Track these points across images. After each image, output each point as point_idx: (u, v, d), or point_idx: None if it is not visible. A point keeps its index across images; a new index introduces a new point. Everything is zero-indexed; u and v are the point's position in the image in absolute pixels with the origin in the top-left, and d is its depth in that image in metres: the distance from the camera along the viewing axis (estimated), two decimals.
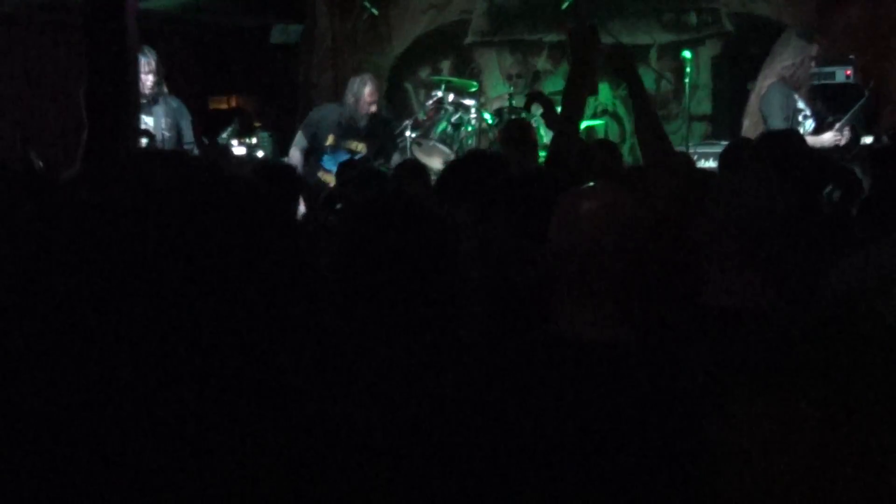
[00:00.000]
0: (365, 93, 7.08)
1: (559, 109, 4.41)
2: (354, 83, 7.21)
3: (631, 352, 2.01)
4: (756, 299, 2.26)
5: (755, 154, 4.31)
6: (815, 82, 8.07)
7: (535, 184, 3.12)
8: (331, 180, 6.68)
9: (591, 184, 2.21)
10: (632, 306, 2.08)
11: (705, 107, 10.02)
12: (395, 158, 7.18)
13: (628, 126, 9.82)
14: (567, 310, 2.08)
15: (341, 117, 7.14)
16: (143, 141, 6.55)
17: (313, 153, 7.13)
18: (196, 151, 6.68)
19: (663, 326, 2.39)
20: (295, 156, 7.10)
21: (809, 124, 7.12)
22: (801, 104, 7.22)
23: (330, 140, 7.10)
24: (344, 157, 6.87)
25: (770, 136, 4.78)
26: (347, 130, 7.09)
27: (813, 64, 7.55)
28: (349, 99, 7.13)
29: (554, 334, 2.07)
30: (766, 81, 7.93)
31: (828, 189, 5.17)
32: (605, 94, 9.78)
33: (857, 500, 1.66)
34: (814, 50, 7.58)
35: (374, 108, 7.11)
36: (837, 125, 7.04)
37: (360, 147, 7.12)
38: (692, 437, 1.85)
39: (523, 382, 1.96)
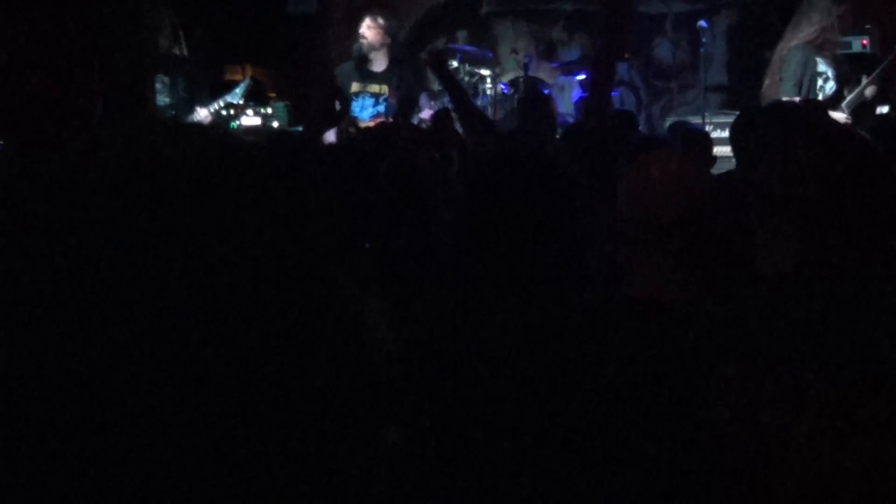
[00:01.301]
0: (361, 32, 7.30)
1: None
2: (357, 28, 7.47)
3: (694, 312, 2.07)
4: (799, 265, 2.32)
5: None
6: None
7: None
8: (359, 125, 7.01)
9: (661, 151, 2.33)
10: (701, 269, 2.15)
11: (721, 77, 10.14)
12: (423, 100, 7.48)
13: (644, 97, 10.14)
14: (639, 272, 2.15)
15: (355, 65, 7.42)
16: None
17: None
18: (209, 112, 6.97)
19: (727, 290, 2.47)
20: None
21: (830, 87, 7.18)
22: (822, 66, 7.25)
23: (353, 87, 7.36)
24: (368, 101, 7.29)
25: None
26: (364, 75, 7.37)
27: (837, 23, 7.57)
28: (355, 45, 7.40)
29: (628, 295, 2.15)
30: (790, 43, 7.97)
31: None
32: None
33: (858, 467, 1.71)
34: (841, 10, 7.58)
35: (374, 42, 7.30)
36: (844, 103, 7.09)
37: (382, 89, 7.37)
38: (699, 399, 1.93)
39: (595, 341, 2.04)
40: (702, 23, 8.93)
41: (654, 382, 1.99)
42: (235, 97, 6.99)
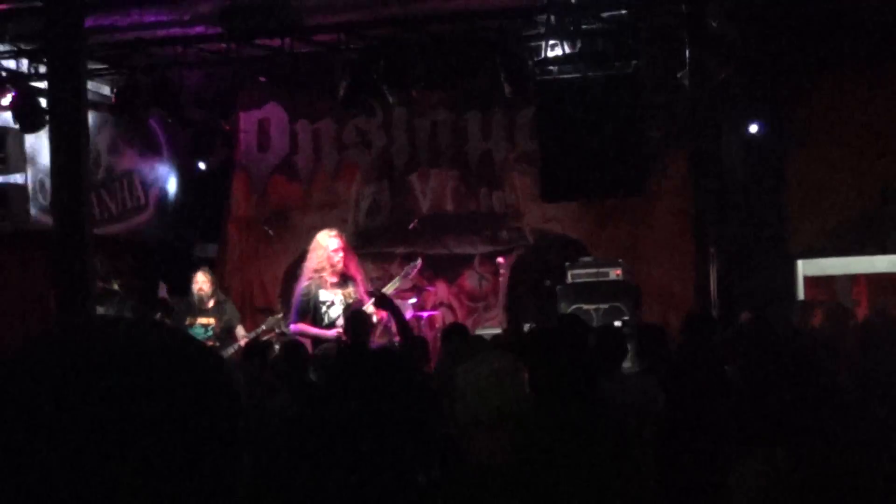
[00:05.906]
0: (200, 283, 9.11)
1: None
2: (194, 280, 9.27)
3: (506, 473, 2.30)
4: None
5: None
6: (594, 279, 9.72)
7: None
8: None
9: (486, 355, 2.38)
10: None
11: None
12: (239, 330, 9.15)
13: (459, 314, 11.40)
14: (474, 447, 2.34)
15: (192, 304, 9.06)
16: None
17: None
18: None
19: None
20: None
21: (335, 311, 8.55)
22: (324, 296, 8.60)
23: (187, 320, 8.98)
24: (199, 330, 8.83)
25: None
26: (198, 312, 9.09)
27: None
28: (192, 289, 9.21)
29: (470, 464, 2.34)
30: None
31: None
32: (440, 290, 11.43)
33: None
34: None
35: (209, 290, 8.99)
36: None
37: (210, 321, 8.96)
38: None
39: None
40: (499, 259, 10.68)
41: None
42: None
